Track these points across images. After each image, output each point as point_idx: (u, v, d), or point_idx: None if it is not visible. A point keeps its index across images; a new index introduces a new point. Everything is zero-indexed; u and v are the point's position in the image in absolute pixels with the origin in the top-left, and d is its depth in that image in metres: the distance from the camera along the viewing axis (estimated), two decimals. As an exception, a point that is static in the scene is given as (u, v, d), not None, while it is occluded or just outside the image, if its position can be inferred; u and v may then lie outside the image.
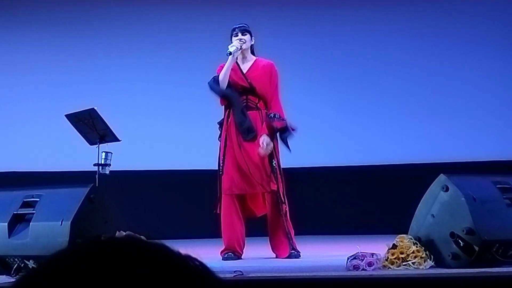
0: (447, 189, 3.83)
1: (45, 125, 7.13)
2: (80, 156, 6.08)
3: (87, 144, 5.73)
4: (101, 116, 5.55)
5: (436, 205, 3.85)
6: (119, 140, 5.63)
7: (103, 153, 5.58)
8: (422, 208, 3.93)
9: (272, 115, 4.90)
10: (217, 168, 5.02)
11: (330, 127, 7.22)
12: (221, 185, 4.91)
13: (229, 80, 4.92)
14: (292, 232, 4.86)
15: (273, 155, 4.89)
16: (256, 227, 5.27)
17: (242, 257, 4.86)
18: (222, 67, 4.95)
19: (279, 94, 5.02)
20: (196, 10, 7.40)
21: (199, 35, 7.29)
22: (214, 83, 4.95)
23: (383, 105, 7.21)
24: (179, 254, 0.61)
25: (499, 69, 7.12)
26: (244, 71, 5.00)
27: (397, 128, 7.17)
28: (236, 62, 4.98)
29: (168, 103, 7.30)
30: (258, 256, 4.93)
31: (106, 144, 5.62)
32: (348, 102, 7.29)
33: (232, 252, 4.82)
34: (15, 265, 3.87)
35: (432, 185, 3.94)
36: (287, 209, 4.87)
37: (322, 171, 7.04)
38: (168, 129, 7.24)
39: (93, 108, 5.56)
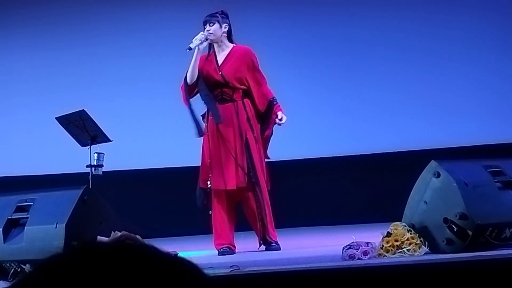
0: (438, 175, 3.85)
1: (36, 128, 7.12)
2: (72, 158, 6.08)
3: (79, 145, 5.73)
4: (92, 117, 5.55)
5: (429, 191, 3.88)
6: (110, 141, 5.63)
7: (95, 154, 5.58)
8: (415, 195, 3.96)
9: (273, 98, 4.88)
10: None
11: (319, 117, 7.24)
12: (207, 180, 4.85)
13: (203, 74, 4.84)
14: (271, 222, 4.80)
15: (246, 149, 4.81)
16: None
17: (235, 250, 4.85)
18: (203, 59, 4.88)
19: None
20: (184, 8, 7.37)
21: (189, 33, 7.27)
22: (184, 83, 4.90)
23: (373, 93, 7.22)
24: (168, 255, 0.62)
25: (484, 55, 7.14)
26: (220, 63, 4.89)
27: (386, 116, 7.18)
28: (214, 54, 4.89)
29: (158, 101, 7.29)
30: (254, 249, 4.95)
31: (97, 145, 5.63)
32: (336, 91, 7.30)
33: (228, 247, 4.80)
34: (12, 270, 3.88)
35: (423, 172, 3.96)
36: (265, 197, 4.79)
37: (313, 163, 7.05)
38: (160, 127, 7.23)
39: (83, 110, 5.55)
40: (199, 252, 4.84)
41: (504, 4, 7.19)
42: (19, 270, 3.85)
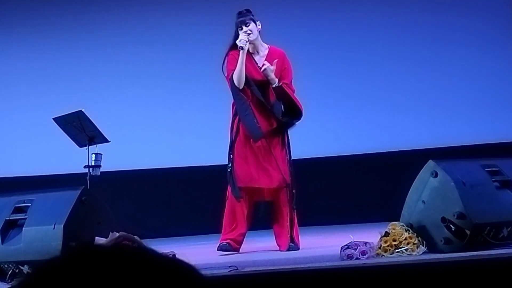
0: (436, 175, 3.86)
1: (34, 129, 7.11)
2: (70, 158, 6.08)
3: (77, 146, 5.73)
4: (89, 118, 5.55)
5: (426, 191, 3.88)
6: (108, 141, 5.64)
7: (93, 155, 5.58)
8: (413, 195, 3.96)
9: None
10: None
11: (316, 117, 7.23)
12: (236, 177, 4.77)
13: (246, 76, 4.75)
14: (296, 224, 4.81)
15: (286, 147, 4.86)
16: (251, 220, 5.28)
17: (239, 250, 4.80)
18: (233, 58, 4.77)
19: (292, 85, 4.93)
20: (188, 5, 7.37)
21: (189, 30, 7.27)
22: (232, 85, 4.77)
23: (371, 93, 7.23)
24: (164, 257, 0.63)
25: (482, 54, 7.15)
26: (260, 64, 4.81)
27: (384, 116, 7.19)
28: (250, 54, 4.80)
29: (156, 102, 7.29)
30: (253, 249, 4.95)
31: (95, 145, 5.63)
32: (334, 91, 7.31)
33: (228, 243, 4.74)
34: (10, 271, 3.87)
35: (421, 171, 3.96)
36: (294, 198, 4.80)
37: (310, 162, 7.05)
38: (158, 128, 7.23)
39: (81, 110, 5.56)
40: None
41: (502, 4, 7.20)
42: (17, 271, 3.85)
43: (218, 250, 4.69)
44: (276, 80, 4.79)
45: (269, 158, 4.78)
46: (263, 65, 4.77)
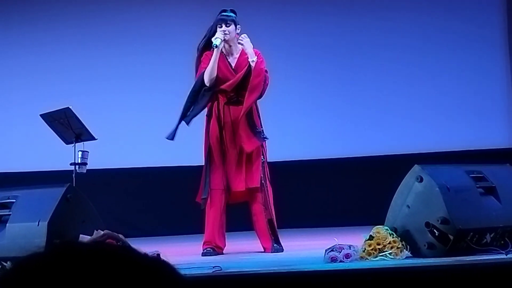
0: (421, 180, 3.88)
1: (20, 125, 7.08)
2: (57, 155, 6.05)
3: (63, 143, 5.71)
4: (77, 115, 5.53)
5: (411, 195, 3.90)
6: (95, 139, 5.62)
7: (80, 152, 5.56)
8: (398, 199, 3.98)
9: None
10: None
11: (305, 121, 7.26)
12: (210, 179, 4.81)
13: (218, 76, 4.77)
14: (275, 225, 4.84)
15: (261, 150, 4.85)
16: (237, 221, 5.29)
17: (223, 252, 4.83)
18: (207, 58, 4.78)
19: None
20: (176, 5, 7.36)
21: (177, 29, 7.27)
22: (198, 85, 4.79)
23: (357, 98, 7.25)
24: (146, 256, 0.63)
25: (469, 60, 7.19)
26: (233, 65, 4.82)
27: (371, 120, 7.22)
28: (224, 55, 4.81)
29: (143, 100, 7.28)
30: (238, 250, 4.96)
31: (82, 143, 5.61)
32: (322, 95, 7.33)
33: (212, 248, 4.78)
34: (-7, 267, 3.85)
35: (406, 176, 3.98)
36: (271, 200, 4.81)
37: (297, 165, 7.07)
38: (144, 126, 7.22)
39: (68, 107, 5.54)
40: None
41: (489, 14, 7.25)
42: (0, 267, 3.83)
43: (202, 256, 4.70)
44: (254, 55, 4.77)
45: (241, 161, 4.77)
46: (241, 40, 4.75)
